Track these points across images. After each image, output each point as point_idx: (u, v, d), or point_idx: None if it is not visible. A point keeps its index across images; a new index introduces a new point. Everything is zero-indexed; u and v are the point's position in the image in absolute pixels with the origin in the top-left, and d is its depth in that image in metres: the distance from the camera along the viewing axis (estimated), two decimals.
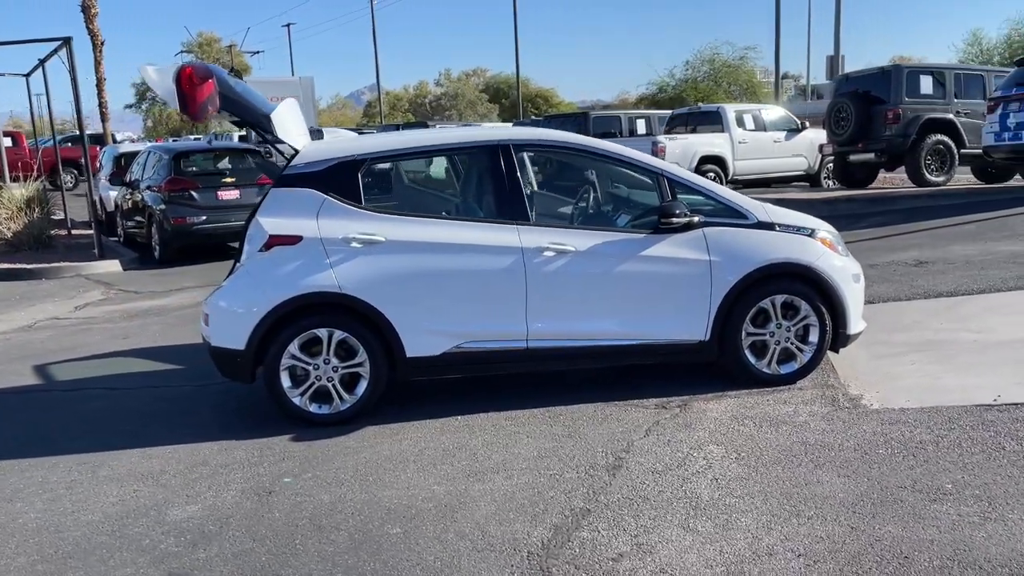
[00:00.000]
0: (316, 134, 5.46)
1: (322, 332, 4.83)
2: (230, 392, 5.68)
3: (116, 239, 14.71)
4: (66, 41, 12.29)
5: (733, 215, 5.20)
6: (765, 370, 5.23)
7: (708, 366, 5.47)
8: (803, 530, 3.35)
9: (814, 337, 5.24)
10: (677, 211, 4.99)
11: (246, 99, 4.88)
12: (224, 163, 12.75)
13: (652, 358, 5.25)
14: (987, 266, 7.98)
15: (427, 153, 5.33)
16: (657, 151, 14.49)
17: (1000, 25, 65.23)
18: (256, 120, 4.86)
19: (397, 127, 28.88)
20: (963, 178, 16.14)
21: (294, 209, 4.91)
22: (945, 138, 14.36)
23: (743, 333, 5.17)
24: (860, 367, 5.49)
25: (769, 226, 5.21)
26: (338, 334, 4.84)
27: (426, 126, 26.79)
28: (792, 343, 5.23)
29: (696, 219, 5.05)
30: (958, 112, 14.60)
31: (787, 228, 5.24)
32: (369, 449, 4.54)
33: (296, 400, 4.88)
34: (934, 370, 5.31)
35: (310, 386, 4.88)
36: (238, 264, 5.03)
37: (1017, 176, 15.51)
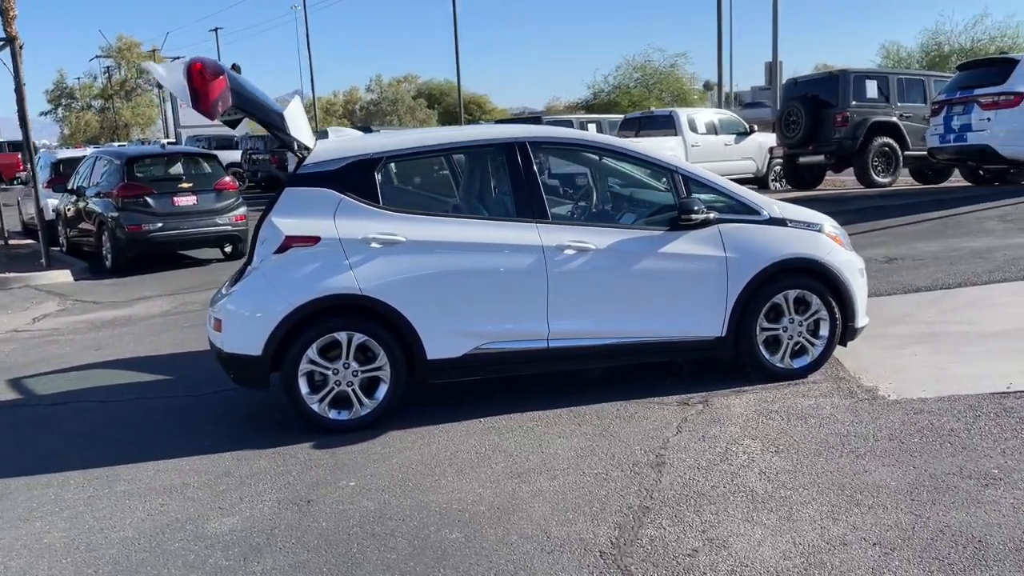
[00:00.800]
0: (320, 134, 5.32)
1: (341, 335, 4.69)
2: (230, 401, 5.49)
3: (58, 248, 14.09)
4: (8, 41, 11.72)
5: (746, 211, 5.25)
6: (779, 365, 5.28)
7: (717, 362, 5.49)
8: (868, 519, 3.37)
9: (825, 331, 5.32)
10: (696, 207, 5.00)
11: (258, 96, 4.72)
12: (178, 168, 12.34)
13: (669, 355, 5.26)
14: (955, 261, 8.24)
15: (443, 151, 5.23)
16: None
17: (916, 36, 67.90)
18: (270, 118, 4.69)
19: None
20: (901, 180, 16.69)
21: (310, 209, 4.76)
22: (890, 140, 14.85)
23: (757, 328, 5.21)
24: (864, 360, 5.58)
25: (781, 222, 5.27)
26: (358, 337, 4.71)
27: (369, 130, 26.54)
28: (804, 337, 5.30)
29: (712, 216, 5.08)
30: (901, 115, 15.11)
31: (798, 224, 5.31)
32: (399, 454, 4.41)
33: (315, 406, 4.72)
34: (938, 361, 5.44)
35: (329, 392, 4.73)
36: (249, 267, 4.85)
37: (955, 176, 16.11)
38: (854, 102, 14.75)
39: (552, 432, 4.60)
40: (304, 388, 4.69)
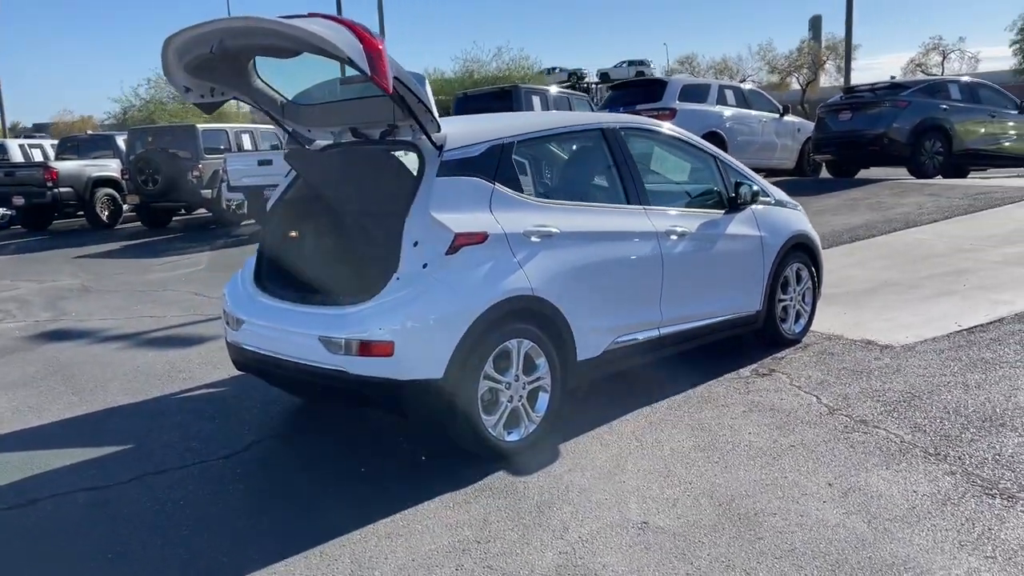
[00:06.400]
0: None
1: (512, 343, 4.09)
2: (280, 452, 4.40)
3: None
4: None
5: (763, 194, 5.73)
6: (787, 332, 5.88)
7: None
8: None
9: (809, 298, 6.07)
10: (757, 189, 5.36)
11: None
12: None
13: (729, 332, 5.49)
14: None
15: (555, 136, 4.74)
16: None
17: (451, 62, 74.44)
18: (420, 94, 3.87)
19: None
20: None
21: (465, 202, 4.06)
22: None
23: (776, 299, 5.74)
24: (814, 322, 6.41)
25: (783, 203, 5.88)
26: (525, 344, 4.15)
27: None
28: (800, 305, 5.98)
29: None
30: None
31: (789, 204, 5.97)
32: (614, 465, 4.01)
33: (492, 430, 4.05)
34: (870, 315, 6.52)
35: (503, 410, 4.10)
36: (396, 274, 3.92)
37: None
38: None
39: (715, 416, 4.58)
40: (480, 411, 4.00)
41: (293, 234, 4.81)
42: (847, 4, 20.03)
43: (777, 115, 16.36)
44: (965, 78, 16.67)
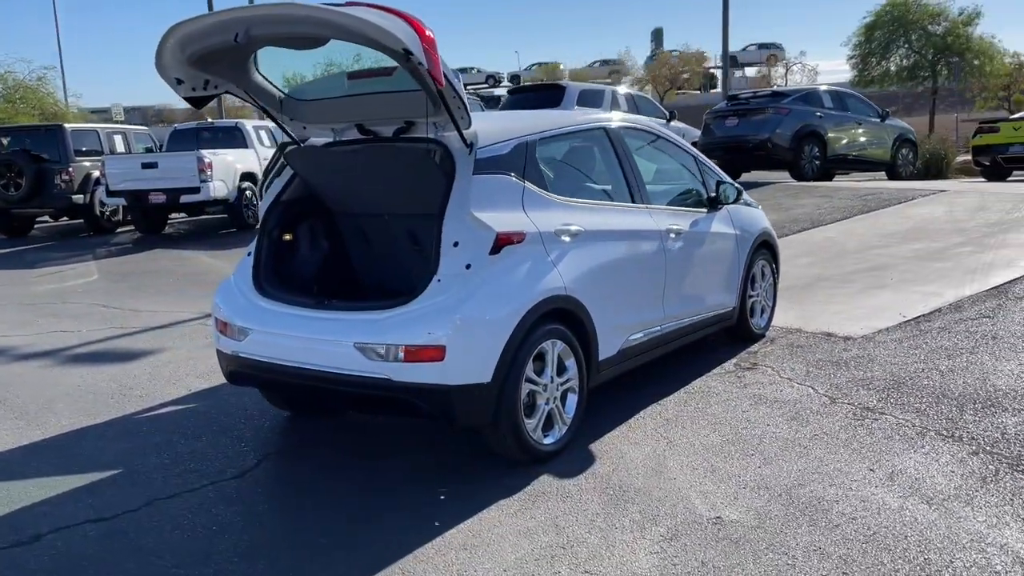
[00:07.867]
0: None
1: (547, 344, 4.02)
2: (287, 471, 4.13)
3: None
4: None
5: (741, 194, 5.89)
6: (755, 327, 6.08)
7: None
8: None
9: (771, 293, 6.31)
10: (738, 188, 5.51)
11: None
12: None
13: (710, 328, 5.61)
14: None
15: (568, 135, 4.61)
16: (204, 167, 13.28)
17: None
18: (457, 85, 3.73)
19: None
20: None
21: (501, 200, 3.95)
22: None
23: (747, 295, 5.93)
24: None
25: (748, 203, 6.08)
26: (559, 344, 4.09)
27: None
28: (765, 300, 6.20)
29: None
30: None
31: (752, 203, 6.18)
32: (667, 458, 4.03)
33: (532, 434, 3.96)
34: (816, 310, 6.83)
35: (541, 413, 4.02)
36: (436, 277, 3.75)
37: None
38: None
39: (725, 410, 4.67)
40: (522, 414, 3.90)
41: (287, 237, 4.52)
42: (723, 18, 21.03)
43: (664, 120, 16.90)
44: (823, 87, 17.76)
